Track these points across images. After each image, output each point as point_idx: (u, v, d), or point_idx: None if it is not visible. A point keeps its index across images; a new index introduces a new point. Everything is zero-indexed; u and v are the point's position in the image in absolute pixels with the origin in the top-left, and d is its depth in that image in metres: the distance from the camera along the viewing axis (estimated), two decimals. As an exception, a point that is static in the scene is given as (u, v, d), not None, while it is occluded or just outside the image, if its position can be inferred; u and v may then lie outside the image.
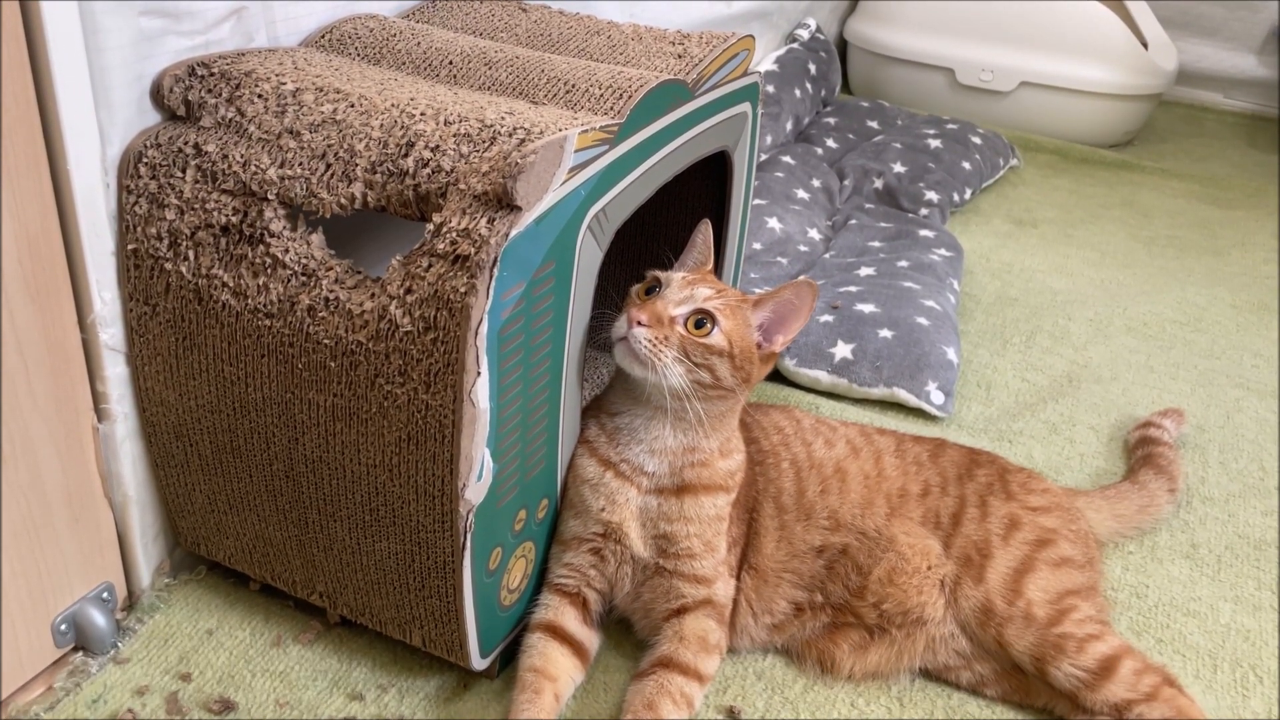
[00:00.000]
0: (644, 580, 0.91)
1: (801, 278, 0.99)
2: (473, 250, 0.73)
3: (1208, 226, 2.00)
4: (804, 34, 2.27)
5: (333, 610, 0.92)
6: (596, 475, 0.89)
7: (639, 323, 0.86)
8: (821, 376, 1.33)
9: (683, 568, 0.89)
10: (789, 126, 2.05)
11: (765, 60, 2.13)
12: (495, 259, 0.72)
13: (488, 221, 0.73)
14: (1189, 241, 1.92)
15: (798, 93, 2.10)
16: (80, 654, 0.90)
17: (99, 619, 0.90)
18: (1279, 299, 1.70)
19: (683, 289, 0.89)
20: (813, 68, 2.20)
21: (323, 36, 0.97)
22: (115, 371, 0.87)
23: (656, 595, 0.91)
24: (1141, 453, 1.20)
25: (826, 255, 1.62)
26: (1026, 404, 1.36)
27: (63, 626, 0.89)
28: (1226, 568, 1.09)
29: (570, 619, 0.90)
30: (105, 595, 0.92)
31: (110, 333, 0.86)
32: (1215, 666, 0.97)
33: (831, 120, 2.15)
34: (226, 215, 0.81)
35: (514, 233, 0.73)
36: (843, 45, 2.60)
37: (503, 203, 0.74)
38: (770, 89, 2.02)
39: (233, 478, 0.89)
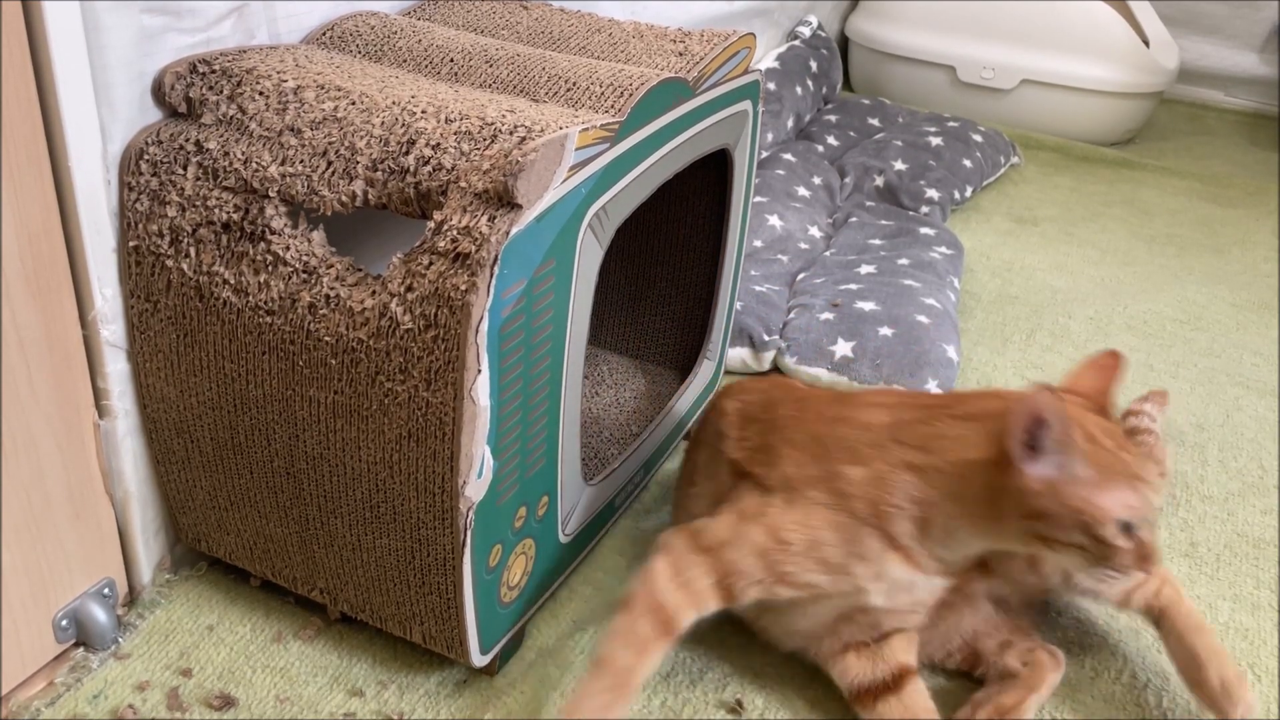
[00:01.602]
0: None
1: None
2: (473, 248, 0.73)
3: (1208, 225, 2.00)
4: (805, 31, 2.27)
5: (333, 607, 0.93)
6: (906, 578, 0.84)
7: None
8: (821, 374, 1.33)
9: None
10: (790, 124, 2.05)
11: (767, 57, 2.13)
12: (496, 257, 0.72)
13: (488, 219, 0.73)
14: (1189, 240, 1.92)
15: (799, 90, 2.10)
16: (81, 649, 0.91)
17: (100, 615, 0.90)
18: (1279, 297, 1.70)
19: (1156, 493, 0.81)
20: (814, 65, 2.19)
21: (324, 34, 0.97)
22: (116, 368, 0.87)
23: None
24: None
25: (827, 253, 1.62)
26: (1026, 402, 1.36)
27: (64, 622, 0.89)
28: (1225, 566, 1.10)
29: None
30: (106, 591, 0.92)
31: (111, 329, 0.86)
32: (1213, 665, 0.97)
33: (833, 118, 2.15)
34: (228, 212, 0.81)
35: (515, 231, 0.73)
36: (844, 42, 2.59)
37: (503, 201, 0.74)
38: (771, 86, 2.02)
39: (233, 474, 0.89)
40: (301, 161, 0.80)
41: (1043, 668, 0.91)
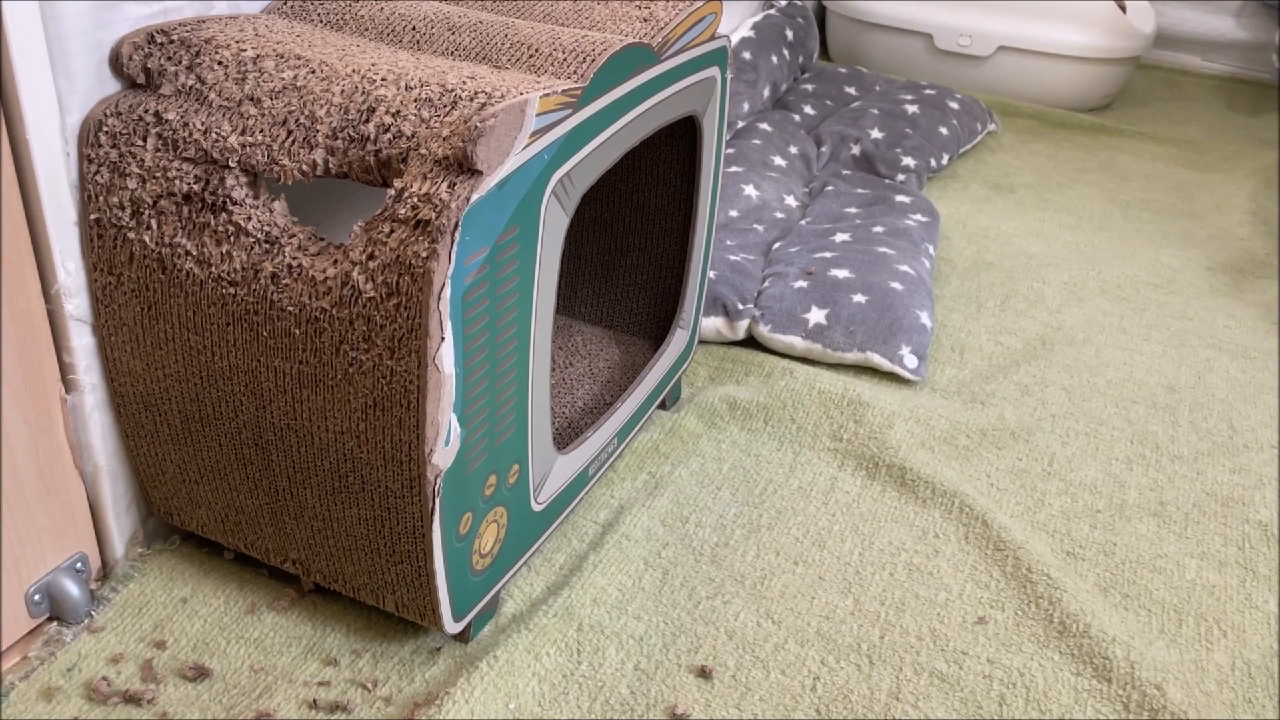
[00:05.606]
0: None
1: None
2: (434, 215, 0.73)
3: (1184, 189, 2.00)
4: (782, 0, 2.26)
5: (306, 577, 0.93)
6: None
7: None
8: (795, 342, 1.34)
9: None
10: (766, 93, 2.04)
11: (743, 26, 2.12)
12: (456, 223, 0.72)
13: (448, 186, 0.73)
14: (1165, 205, 1.93)
15: (775, 59, 2.09)
16: (55, 624, 0.91)
17: (73, 589, 0.91)
18: (1256, 262, 1.71)
19: None
20: (790, 34, 2.19)
21: (284, 3, 0.97)
22: (82, 342, 0.87)
23: None
24: None
25: (803, 222, 1.62)
26: (999, 366, 1.37)
27: (36, 597, 0.89)
28: (1194, 525, 1.11)
29: None
30: (79, 565, 0.92)
31: (75, 303, 0.86)
32: (1180, 621, 0.99)
33: (809, 87, 2.15)
34: (188, 183, 0.81)
35: (475, 197, 0.73)
36: (821, 11, 2.58)
37: (464, 167, 0.74)
38: (747, 55, 2.01)
39: (202, 447, 0.89)
40: (262, 131, 0.80)
41: None
